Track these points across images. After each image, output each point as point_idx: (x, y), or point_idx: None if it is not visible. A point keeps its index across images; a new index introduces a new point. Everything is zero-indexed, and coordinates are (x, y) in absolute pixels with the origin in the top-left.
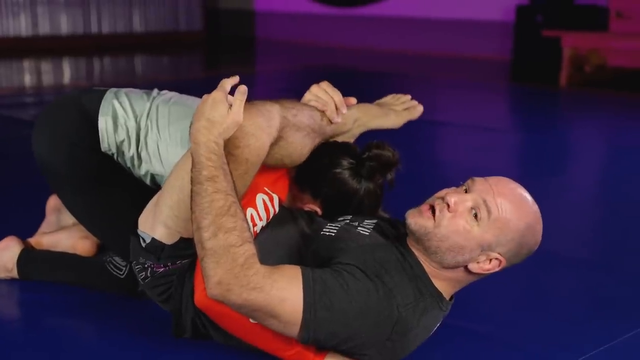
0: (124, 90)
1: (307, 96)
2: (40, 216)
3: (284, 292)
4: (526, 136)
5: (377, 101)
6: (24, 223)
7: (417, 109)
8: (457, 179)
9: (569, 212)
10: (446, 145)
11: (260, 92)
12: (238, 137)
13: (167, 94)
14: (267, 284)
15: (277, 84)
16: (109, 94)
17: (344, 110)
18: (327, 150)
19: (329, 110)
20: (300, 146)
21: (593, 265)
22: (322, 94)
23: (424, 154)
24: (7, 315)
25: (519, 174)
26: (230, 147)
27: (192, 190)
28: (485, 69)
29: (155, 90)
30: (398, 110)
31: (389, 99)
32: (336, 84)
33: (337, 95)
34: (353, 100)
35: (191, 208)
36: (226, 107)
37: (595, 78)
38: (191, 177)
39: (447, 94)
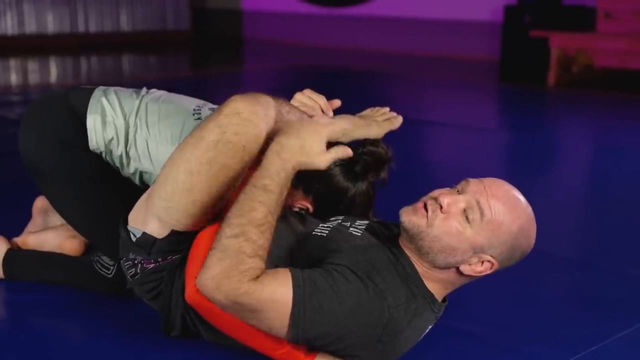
0: (112, 88)
1: (293, 103)
2: (26, 215)
3: (274, 295)
4: (514, 136)
5: (358, 114)
6: (10, 222)
7: (397, 119)
8: (445, 178)
9: (557, 212)
10: (434, 144)
11: (249, 91)
12: (237, 123)
13: (156, 92)
14: (257, 289)
15: (265, 83)
16: (98, 92)
17: (330, 114)
18: None
19: (316, 115)
20: None
21: (581, 264)
22: (307, 100)
23: (412, 154)
24: None
25: (507, 174)
26: (229, 133)
27: (245, 188)
28: (474, 69)
29: (144, 89)
30: (379, 121)
31: (368, 111)
32: (324, 84)
33: (321, 100)
34: (337, 102)
35: (237, 200)
36: (323, 147)
37: (583, 78)
38: (254, 176)
39: (436, 93)
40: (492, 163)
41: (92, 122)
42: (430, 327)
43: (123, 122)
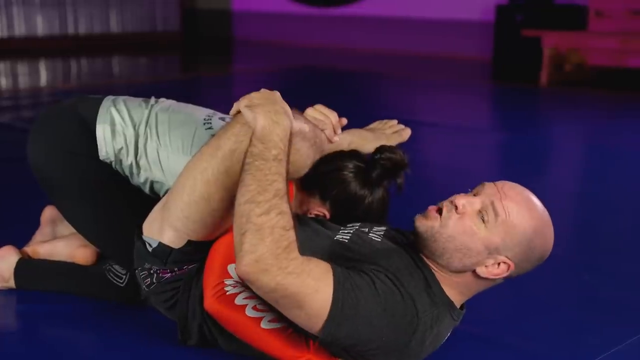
0: (121, 98)
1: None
2: (26, 223)
3: (318, 283)
4: (508, 135)
5: (366, 127)
6: (10, 231)
7: (406, 132)
8: (439, 179)
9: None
10: (427, 145)
11: (239, 93)
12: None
13: (165, 101)
14: (304, 271)
15: (256, 85)
16: (107, 102)
17: (339, 131)
18: (336, 155)
19: (328, 130)
20: (305, 156)
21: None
22: (319, 114)
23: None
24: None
25: (501, 174)
26: (246, 142)
27: (248, 163)
28: (466, 69)
29: (153, 98)
30: (388, 134)
31: (377, 124)
32: (315, 84)
33: (333, 115)
34: (344, 120)
35: (242, 180)
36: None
37: (575, 77)
38: (250, 151)
39: (427, 93)
40: (486, 163)
41: (102, 132)
42: (448, 334)
43: (132, 132)
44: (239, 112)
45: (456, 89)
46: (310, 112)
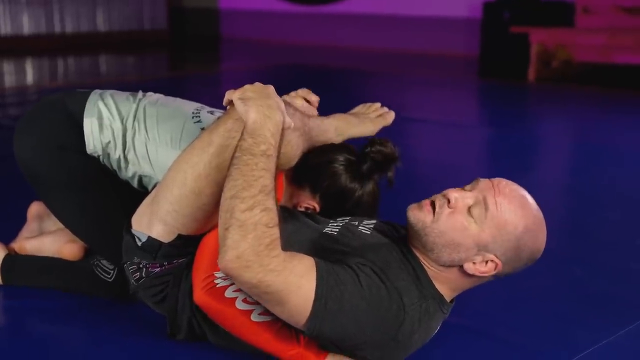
0: (108, 92)
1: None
2: (12, 219)
3: (301, 280)
4: (496, 131)
5: (350, 111)
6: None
7: (390, 115)
8: (429, 174)
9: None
10: (416, 141)
11: (227, 91)
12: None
13: (153, 95)
14: (286, 269)
15: (244, 83)
16: (94, 96)
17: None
18: (327, 148)
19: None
20: (295, 146)
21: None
22: (299, 100)
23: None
24: None
25: (489, 169)
26: (238, 138)
27: (237, 157)
28: (454, 66)
29: (141, 92)
30: (372, 118)
31: (360, 108)
32: (304, 82)
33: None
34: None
35: (229, 174)
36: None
37: (563, 73)
38: (240, 144)
39: (416, 90)
40: (474, 159)
41: (89, 125)
42: (438, 327)
43: (120, 126)
44: (231, 102)
45: (444, 86)
46: (291, 100)
